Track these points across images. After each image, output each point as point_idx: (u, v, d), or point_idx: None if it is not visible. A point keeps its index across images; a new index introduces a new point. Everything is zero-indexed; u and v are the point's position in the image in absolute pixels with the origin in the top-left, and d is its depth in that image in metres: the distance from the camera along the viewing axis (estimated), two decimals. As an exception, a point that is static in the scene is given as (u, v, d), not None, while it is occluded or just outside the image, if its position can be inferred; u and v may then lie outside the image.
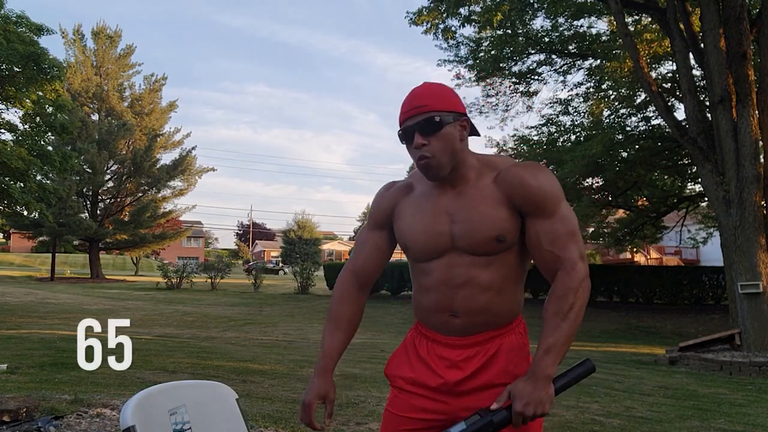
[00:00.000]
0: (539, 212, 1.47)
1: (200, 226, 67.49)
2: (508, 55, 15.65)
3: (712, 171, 10.49)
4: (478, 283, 1.50)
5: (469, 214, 1.49)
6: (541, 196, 1.47)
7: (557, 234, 1.47)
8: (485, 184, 1.50)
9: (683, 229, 18.68)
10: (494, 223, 1.47)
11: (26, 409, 3.74)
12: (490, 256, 1.49)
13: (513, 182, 1.48)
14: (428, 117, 1.46)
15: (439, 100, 1.47)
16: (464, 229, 1.49)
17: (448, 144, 1.47)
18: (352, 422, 4.31)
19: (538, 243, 1.48)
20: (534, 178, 1.47)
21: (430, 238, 1.53)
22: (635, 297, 20.97)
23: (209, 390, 1.90)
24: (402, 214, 1.60)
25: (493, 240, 1.47)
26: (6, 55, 13.78)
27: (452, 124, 1.47)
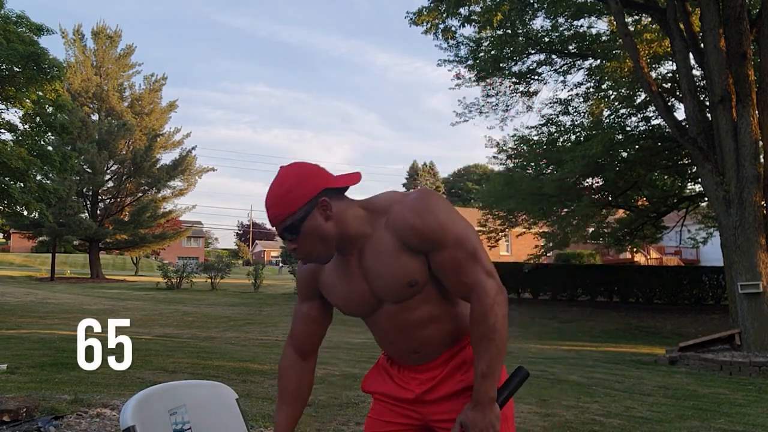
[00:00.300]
0: (435, 246, 1.47)
1: (200, 226, 67.50)
2: (508, 55, 15.65)
3: (712, 171, 10.49)
4: (422, 322, 1.55)
5: (378, 270, 1.51)
6: (429, 233, 1.46)
7: (458, 262, 1.47)
8: (381, 235, 1.50)
9: (683, 229, 18.68)
10: (401, 270, 1.49)
11: (26, 409, 3.74)
12: (416, 296, 1.53)
13: (401, 227, 1.47)
14: (284, 227, 1.47)
15: (285, 204, 1.46)
16: (380, 285, 1.52)
17: (314, 236, 1.47)
18: (352, 422, 4.32)
19: (444, 275, 1.50)
20: (418, 217, 1.46)
21: (358, 303, 1.58)
22: (635, 297, 20.97)
23: (209, 390, 1.90)
24: (325, 285, 1.63)
25: (407, 286, 1.51)
26: (6, 55, 13.78)
27: (309, 216, 1.46)
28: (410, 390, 1.63)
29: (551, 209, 16.71)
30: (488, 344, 1.46)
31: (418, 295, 1.53)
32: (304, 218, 1.46)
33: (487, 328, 1.45)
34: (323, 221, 1.47)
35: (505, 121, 17.54)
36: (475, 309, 1.47)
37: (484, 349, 1.46)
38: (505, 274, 22.57)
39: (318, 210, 1.46)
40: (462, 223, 1.50)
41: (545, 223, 17.87)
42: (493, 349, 1.46)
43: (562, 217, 16.64)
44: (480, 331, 1.46)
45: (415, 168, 74.60)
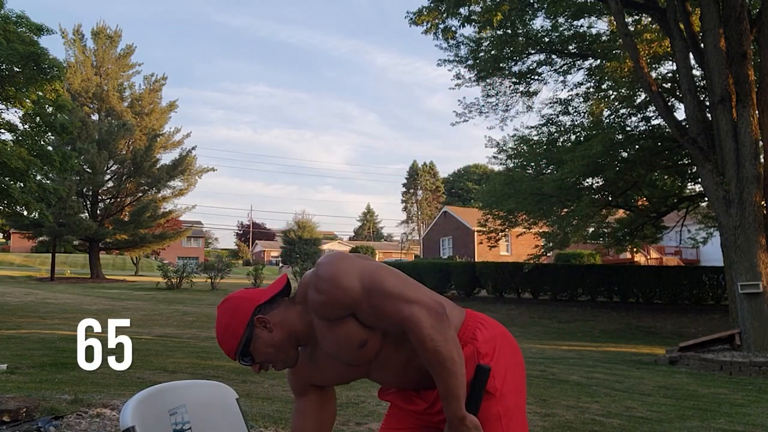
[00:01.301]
0: (351, 308, 1.51)
1: (200, 226, 67.51)
2: (508, 55, 15.64)
3: (712, 171, 10.48)
4: (402, 366, 1.60)
5: (332, 348, 1.58)
6: (337, 301, 1.50)
7: (376, 309, 1.50)
8: (317, 324, 1.57)
9: (683, 229, 18.67)
10: (345, 338, 1.55)
11: (26, 409, 3.74)
12: (386, 347, 1.58)
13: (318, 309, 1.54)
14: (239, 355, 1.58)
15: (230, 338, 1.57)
16: (346, 359, 1.60)
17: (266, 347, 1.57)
18: (352, 422, 4.32)
19: (375, 325, 1.53)
20: (320, 293, 1.51)
21: (350, 376, 1.66)
22: (635, 297, 20.97)
23: (209, 390, 1.90)
24: (314, 377, 1.71)
25: (359, 348, 1.56)
26: (6, 55, 13.78)
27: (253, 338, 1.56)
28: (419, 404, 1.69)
29: (551, 209, 16.70)
30: (437, 369, 1.47)
31: (385, 348, 1.58)
32: (249, 341, 1.56)
33: (429, 354, 1.46)
34: (268, 334, 1.56)
35: (505, 121, 17.54)
36: (412, 340, 1.48)
37: (436, 375, 1.48)
38: (505, 274, 22.64)
39: (258, 328, 1.56)
40: (365, 270, 1.52)
41: (545, 223, 17.87)
42: (443, 372, 1.46)
43: (562, 217, 16.64)
44: (425, 358, 1.48)
45: (415, 168, 74.62)
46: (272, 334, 1.56)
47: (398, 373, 1.63)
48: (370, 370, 1.64)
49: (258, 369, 1.60)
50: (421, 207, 71.94)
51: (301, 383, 1.73)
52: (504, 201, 16.98)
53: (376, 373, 1.65)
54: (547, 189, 15.40)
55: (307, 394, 1.74)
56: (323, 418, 1.75)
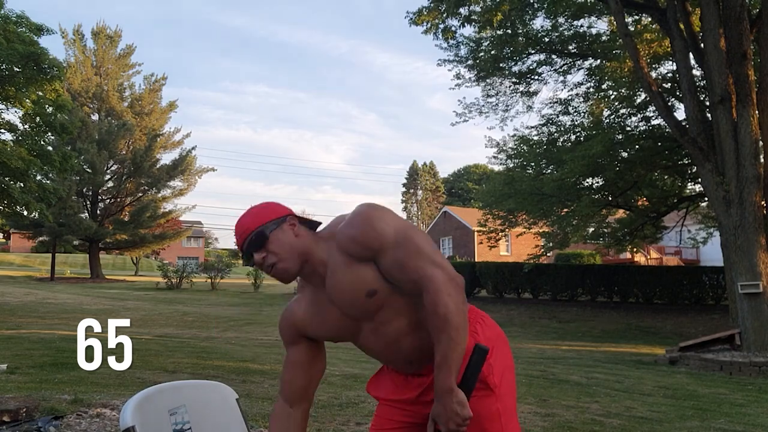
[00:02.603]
0: (378, 253, 1.51)
1: (200, 226, 67.44)
2: (508, 55, 15.64)
3: (712, 171, 10.48)
4: (405, 333, 1.58)
5: (339, 288, 1.56)
6: (368, 239, 1.51)
7: (401, 261, 1.50)
8: (335, 258, 1.56)
9: (683, 229, 18.67)
10: (357, 282, 1.53)
11: (26, 409, 3.74)
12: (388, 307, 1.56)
13: (344, 241, 1.54)
14: (254, 237, 1.55)
15: (254, 219, 1.57)
16: (345, 303, 1.57)
17: (284, 244, 1.55)
18: (352, 422, 4.32)
19: (394, 277, 1.53)
20: (354, 228, 1.53)
21: (339, 328, 1.62)
22: (635, 297, 20.96)
23: (209, 390, 1.90)
24: (307, 325, 1.66)
25: (366, 296, 1.54)
26: (6, 55, 13.78)
27: (278, 228, 1.56)
28: (409, 392, 1.66)
29: (551, 209, 16.69)
30: (441, 335, 1.45)
31: (387, 308, 1.56)
32: (273, 229, 1.55)
33: (438, 318, 1.45)
34: (292, 235, 1.56)
35: (505, 121, 17.53)
36: (426, 300, 1.48)
37: (439, 341, 1.46)
38: (505, 274, 22.63)
39: (287, 224, 1.57)
40: (401, 224, 1.54)
41: (545, 223, 17.86)
42: (446, 340, 1.45)
43: (562, 217, 16.62)
44: (433, 323, 1.47)
45: (415, 168, 74.57)
46: (295, 238, 1.56)
47: (389, 343, 1.59)
48: (362, 330, 1.60)
49: (261, 261, 1.55)
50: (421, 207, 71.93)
51: (294, 333, 1.69)
52: (504, 201, 16.98)
53: (368, 337, 1.61)
54: (547, 189, 15.40)
55: (298, 344, 1.70)
56: (313, 372, 1.72)
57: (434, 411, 1.48)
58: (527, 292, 22.85)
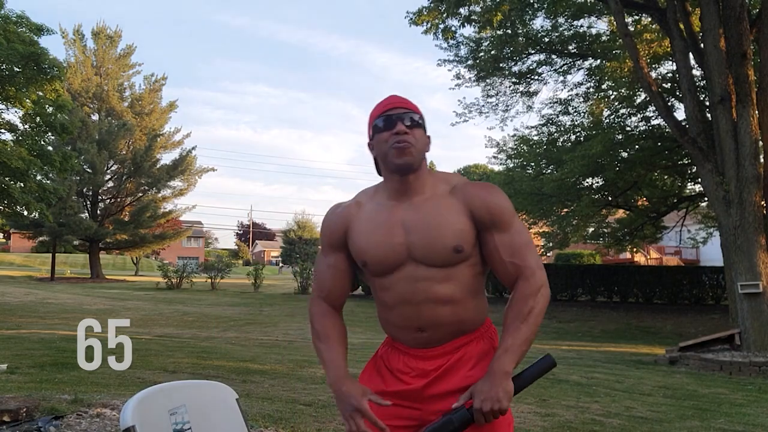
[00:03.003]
0: (497, 226, 1.54)
1: (200, 226, 67.46)
2: (508, 55, 15.64)
3: (712, 171, 10.48)
4: (439, 298, 1.54)
5: (427, 224, 1.53)
6: (499, 210, 1.54)
7: (516, 246, 1.54)
8: (441, 196, 1.56)
9: (683, 229, 18.67)
10: (452, 233, 1.52)
11: (26, 409, 3.74)
12: (447, 269, 1.53)
13: (472, 197, 1.55)
14: (412, 114, 1.56)
15: (416, 108, 1.59)
16: (421, 239, 1.52)
17: (421, 143, 1.56)
18: (352, 422, 4.31)
19: (498, 255, 1.54)
20: (492, 195, 1.56)
21: (387, 250, 1.54)
22: (635, 297, 20.97)
23: (209, 390, 1.91)
24: (356, 231, 1.61)
25: (451, 250, 1.52)
26: (6, 55, 13.78)
27: (425, 131, 1.58)
28: (410, 383, 1.57)
29: (551, 209, 16.70)
30: (521, 324, 1.48)
31: (452, 268, 1.53)
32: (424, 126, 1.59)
33: (526, 309, 1.48)
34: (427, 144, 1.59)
35: (505, 121, 17.52)
36: (520, 290, 1.51)
37: (515, 328, 1.48)
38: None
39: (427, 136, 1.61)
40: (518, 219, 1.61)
41: (545, 223, 17.87)
42: (523, 330, 1.47)
43: (562, 217, 16.63)
44: (517, 310, 1.49)
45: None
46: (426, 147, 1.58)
47: (419, 300, 1.53)
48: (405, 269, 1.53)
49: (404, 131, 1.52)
50: (421, 207, 71.81)
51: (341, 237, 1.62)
52: (504, 201, 16.95)
53: (405, 280, 1.53)
54: (547, 189, 15.40)
55: (340, 252, 1.64)
56: (349, 286, 1.69)
57: (478, 386, 1.45)
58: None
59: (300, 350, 9.73)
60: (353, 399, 1.49)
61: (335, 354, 1.60)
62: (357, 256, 1.61)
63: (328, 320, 1.65)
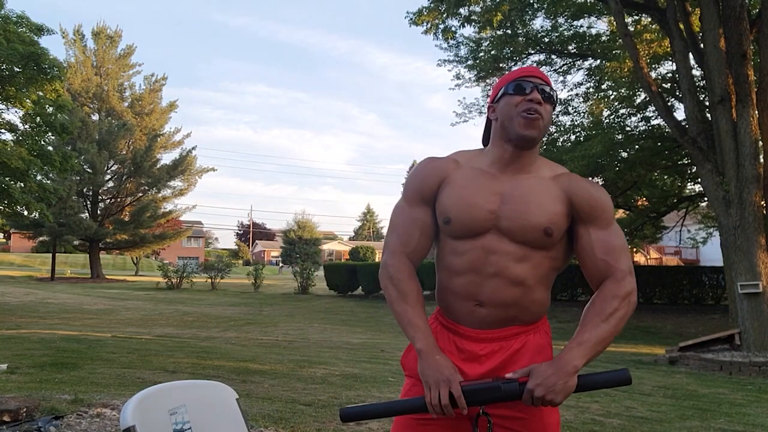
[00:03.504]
0: (597, 222, 1.51)
1: (200, 226, 67.48)
2: (508, 55, 15.65)
3: (712, 171, 10.49)
4: (510, 275, 1.48)
5: (525, 199, 1.49)
6: (601, 207, 1.52)
7: (612, 245, 1.50)
8: (544, 179, 1.54)
9: (683, 229, 18.68)
10: (547, 214, 1.49)
11: (26, 409, 3.74)
12: (529, 250, 1.49)
13: (577, 187, 1.53)
14: (551, 89, 1.54)
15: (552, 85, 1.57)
16: (515, 212, 1.48)
17: (549, 120, 1.53)
18: (351, 422, 4.31)
19: (592, 251, 1.51)
20: (597, 190, 1.54)
21: (475, 213, 1.49)
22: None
23: (209, 390, 1.90)
24: (448, 189, 1.54)
25: (541, 231, 1.48)
26: (6, 55, 13.78)
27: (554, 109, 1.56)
28: (462, 367, 1.47)
29: (551, 209, 16.69)
30: (601, 322, 1.42)
31: (532, 250, 1.49)
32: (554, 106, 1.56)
33: (609, 309, 1.43)
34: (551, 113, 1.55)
35: (506, 121, 17.52)
36: (607, 289, 1.47)
37: (594, 325, 1.42)
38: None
39: None
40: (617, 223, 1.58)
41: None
42: (602, 329, 1.42)
43: (562, 217, 16.62)
44: (600, 308, 1.44)
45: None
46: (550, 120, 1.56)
47: (489, 272, 1.48)
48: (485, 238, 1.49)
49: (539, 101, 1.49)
50: (421, 207, 71.83)
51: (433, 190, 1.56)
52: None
53: (480, 250, 1.48)
54: (547, 189, 15.39)
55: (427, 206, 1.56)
56: (430, 243, 1.60)
57: (540, 368, 1.36)
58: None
59: (300, 350, 9.74)
60: (447, 371, 1.38)
61: (424, 321, 1.49)
62: (442, 211, 1.53)
63: (414, 282, 1.54)
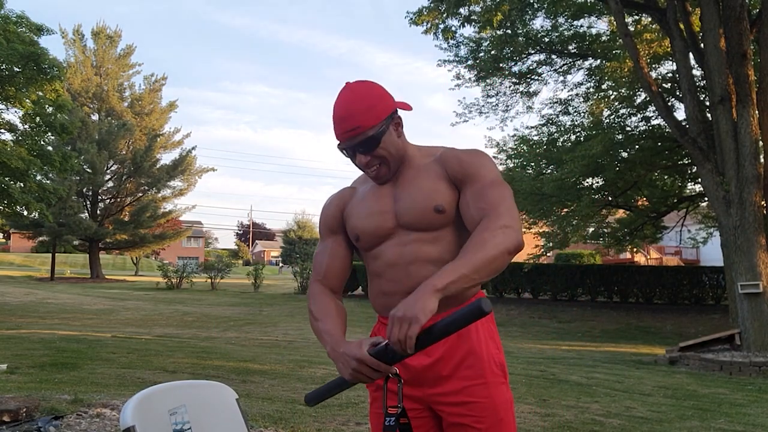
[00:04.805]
0: (472, 179, 1.50)
1: (200, 226, 67.48)
2: (508, 55, 15.64)
3: (712, 171, 10.48)
4: (427, 259, 1.52)
5: (409, 190, 1.55)
6: (474, 166, 1.51)
7: (487, 195, 1.46)
8: (425, 165, 1.57)
9: (683, 229, 18.67)
10: (432, 194, 1.52)
11: (26, 409, 3.74)
12: (433, 232, 1.53)
13: (449, 156, 1.55)
14: (364, 139, 1.49)
15: (368, 115, 1.48)
16: (406, 204, 1.54)
17: (391, 148, 1.53)
18: (352, 422, 4.32)
19: (468, 205, 1.49)
20: (468, 154, 1.55)
21: (375, 219, 1.57)
22: (635, 297, 20.97)
23: (209, 390, 1.90)
24: (351, 210, 1.65)
25: (432, 210, 1.51)
26: (6, 55, 13.78)
27: (387, 131, 1.52)
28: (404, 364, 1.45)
29: (551, 209, 16.68)
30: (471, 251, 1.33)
31: (438, 231, 1.52)
32: (384, 132, 1.50)
33: (479, 238, 1.36)
34: (396, 137, 1.54)
35: (505, 121, 17.56)
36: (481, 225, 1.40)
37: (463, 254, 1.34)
38: (505, 273, 22.57)
39: (394, 124, 1.54)
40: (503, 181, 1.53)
41: (545, 223, 17.85)
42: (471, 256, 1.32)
43: (562, 217, 16.62)
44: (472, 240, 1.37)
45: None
46: (398, 140, 1.55)
47: (408, 262, 1.52)
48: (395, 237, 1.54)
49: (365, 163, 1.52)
50: (421, 207, 71.82)
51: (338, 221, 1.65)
52: (504, 201, 16.93)
53: (395, 246, 1.54)
54: (547, 189, 15.39)
55: (338, 235, 1.65)
56: (347, 267, 1.66)
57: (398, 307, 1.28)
58: (527, 292, 22.84)
59: (300, 350, 9.74)
60: (353, 350, 1.36)
61: (333, 326, 1.50)
62: (351, 231, 1.63)
63: (325, 299, 1.59)
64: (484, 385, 1.50)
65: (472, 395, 1.50)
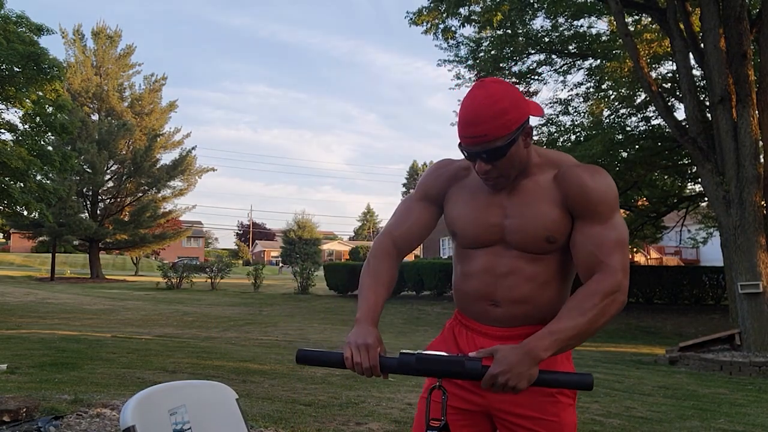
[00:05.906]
0: (591, 215, 1.43)
1: (200, 226, 67.50)
2: (508, 55, 15.65)
3: (712, 171, 10.49)
4: (523, 274, 1.48)
5: (523, 211, 1.47)
6: (596, 199, 1.43)
7: (605, 239, 1.41)
8: (544, 182, 1.48)
9: (683, 229, 18.68)
10: (546, 223, 1.45)
11: (26, 409, 3.74)
12: (536, 254, 1.48)
13: (571, 182, 1.45)
14: (491, 149, 1.39)
15: (499, 126, 1.37)
16: (516, 225, 1.48)
17: (514, 160, 1.43)
18: (352, 422, 4.32)
19: (582, 244, 1.43)
20: (593, 181, 1.44)
21: (481, 229, 1.51)
22: (635, 297, 20.96)
23: (209, 390, 1.90)
24: (455, 199, 1.57)
25: (543, 240, 1.46)
26: (6, 55, 13.79)
27: (516, 143, 1.41)
28: None
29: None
30: (578, 316, 1.34)
31: (540, 258, 1.48)
32: (512, 144, 1.39)
33: (589, 303, 1.35)
34: (523, 148, 1.43)
35: (506, 122, 17.51)
36: (592, 284, 1.38)
37: (569, 317, 1.34)
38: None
39: (523, 134, 1.42)
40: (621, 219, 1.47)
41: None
42: (578, 322, 1.33)
43: (562, 217, 16.63)
44: (580, 302, 1.36)
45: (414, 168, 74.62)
46: (524, 150, 1.44)
47: (500, 272, 1.49)
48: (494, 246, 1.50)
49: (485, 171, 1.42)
50: (421, 207, 71.82)
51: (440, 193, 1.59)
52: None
53: (490, 256, 1.50)
54: (547, 189, 15.39)
55: (431, 204, 1.60)
56: (424, 237, 1.62)
57: (504, 352, 1.30)
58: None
59: (300, 350, 9.72)
60: (370, 338, 1.38)
61: (377, 296, 1.49)
62: (449, 224, 1.58)
63: (388, 261, 1.56)
64: (554, 403, 1.48)
65: (542, 411, 1.47)
